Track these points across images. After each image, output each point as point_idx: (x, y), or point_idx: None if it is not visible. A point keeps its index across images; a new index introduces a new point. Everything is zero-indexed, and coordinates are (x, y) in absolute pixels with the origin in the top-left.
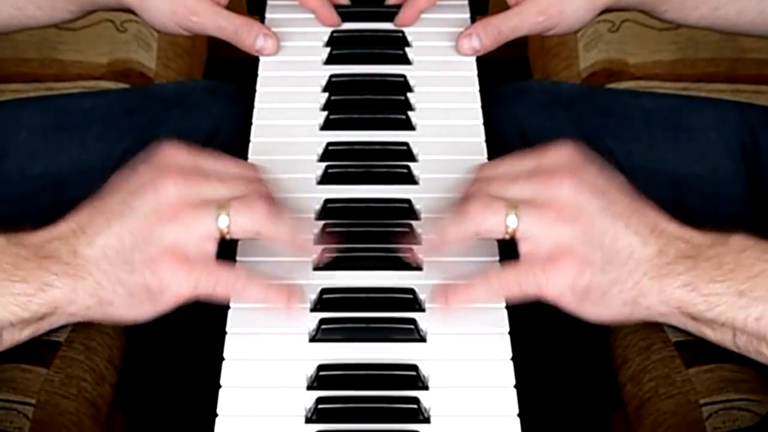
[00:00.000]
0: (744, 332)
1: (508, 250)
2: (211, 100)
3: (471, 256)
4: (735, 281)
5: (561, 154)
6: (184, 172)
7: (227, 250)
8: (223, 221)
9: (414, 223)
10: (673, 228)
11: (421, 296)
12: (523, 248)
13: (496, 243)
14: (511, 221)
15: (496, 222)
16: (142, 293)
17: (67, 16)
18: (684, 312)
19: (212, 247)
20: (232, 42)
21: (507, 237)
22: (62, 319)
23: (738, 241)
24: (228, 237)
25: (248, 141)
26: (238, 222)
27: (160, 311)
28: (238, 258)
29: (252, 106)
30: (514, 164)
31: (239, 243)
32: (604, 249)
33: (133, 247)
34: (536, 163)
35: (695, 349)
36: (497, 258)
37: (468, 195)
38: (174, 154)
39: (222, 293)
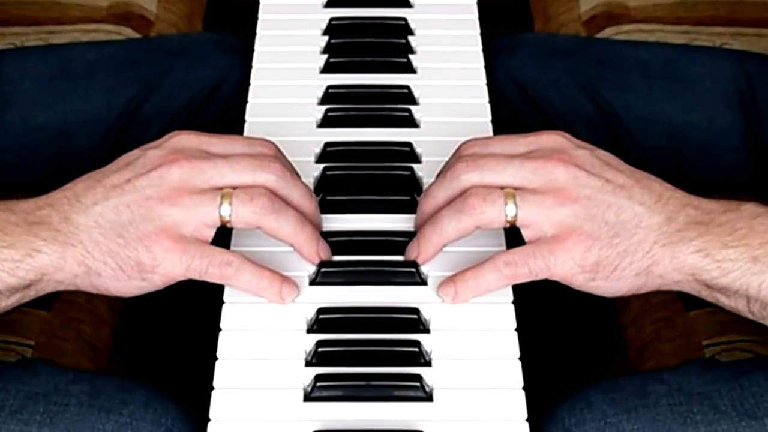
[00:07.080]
0: (758, 300)
1: (515, 237)
2: (215, 52)
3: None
4: (749, 247)
5: (552, 140)
6: (191, 157)
7: (222, 237)
8: (225, 210)
9: (415, 166)
10: (680, 195)
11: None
12: (527, 235)
13: (502, 230)
14: (510, 210)
15: (496, 212)
16: (133, 268)
17: None
18: (698, 279)
19: (209, 233)
20: None
21: (507, 225)
22: (50, 286)
23: (750, 208)
24: (228, 226)
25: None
26: (240, 212)
27: (149, 288)
28: (232, 246)
29: None
30: (504, 145)
31: (233, 231)
32: (609, 223)
33: (129, 222)
34: (528, 148)
35: None
36: (504, 246)
37: (456, 170)
38: (184, 139)
39: (214, 276)
